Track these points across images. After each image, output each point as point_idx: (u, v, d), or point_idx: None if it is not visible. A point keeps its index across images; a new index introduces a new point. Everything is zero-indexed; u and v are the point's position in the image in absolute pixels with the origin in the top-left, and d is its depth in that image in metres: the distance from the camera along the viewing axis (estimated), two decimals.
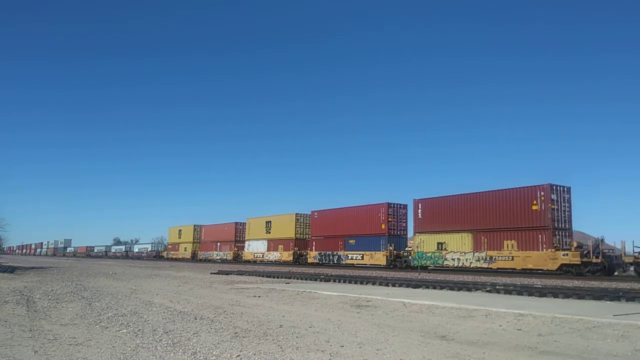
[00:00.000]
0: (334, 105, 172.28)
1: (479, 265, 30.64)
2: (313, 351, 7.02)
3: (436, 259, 33.35)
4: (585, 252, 26.10)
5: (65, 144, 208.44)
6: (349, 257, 40.11)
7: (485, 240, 30.47)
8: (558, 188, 28.48)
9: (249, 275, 29.12)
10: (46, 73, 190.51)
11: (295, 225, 46.46)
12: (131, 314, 10.82)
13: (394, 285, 20.59)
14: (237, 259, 55.13)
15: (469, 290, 17.93)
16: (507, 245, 29.23)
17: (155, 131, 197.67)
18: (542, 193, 28.07)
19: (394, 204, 38.13)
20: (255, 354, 6.81)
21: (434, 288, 19.10)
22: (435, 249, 33.50)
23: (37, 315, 10.69)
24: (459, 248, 32.01)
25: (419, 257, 34.45)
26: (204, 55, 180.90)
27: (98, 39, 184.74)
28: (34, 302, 13.18)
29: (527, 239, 28.40)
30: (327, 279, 24.79)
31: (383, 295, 15.03)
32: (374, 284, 21.65)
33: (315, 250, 44.03)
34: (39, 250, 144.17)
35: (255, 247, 51.81)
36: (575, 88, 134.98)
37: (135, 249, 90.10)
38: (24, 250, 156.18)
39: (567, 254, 26.42)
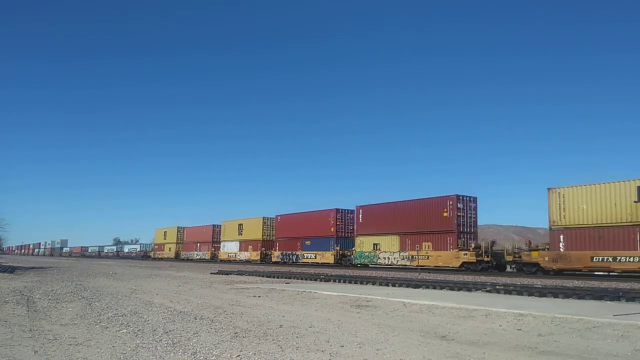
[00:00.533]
0: (334, 105, 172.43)
1: (403, 263, 35.66)
2: (313, 351, 7.02)
3: (372, 257, 38.22)
4: (480, 252, 31.19)
5: (65, 144, 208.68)
6: (305, 257, 45.11)
7: (409, 242, 35.48)
8: (464, 198, 33.42)
9: (249, 275, 29.13)
10: (46, 73, 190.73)
11: (263, 227, 51.47)
12: (131, 314, 10.82)
13: (394, 285, 20.60)
14: (214, 258, 58.94)
15: (469, 290, 17.93)
16: (425, 246, 34.33)
17: (155, 131, 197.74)
18: (451, 203, 32.98)
19: (342, 209, 43.07)
20: (255, 354, 6.81)
21: (434, 288, 19.10)
22: (372, 249, 38.40)
23: (37, 315, 10.69)
24: (389, 248, 36.91)
25: (359, 256, 39.44)
26: (204, 55, 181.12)
27: (98, 39, 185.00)
28: (34, 302, 13.18)
29: (439, 241, 33.60)
30: (327, 279, 24.79)
31: (383, 295, 15.03)
32: (374, 284, 21.65)
33: (278, 250, 48.69)
34: (37, 250, 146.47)
35: (229, 248, 56.54)
36: (575, 88, 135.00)
37: (126, 249, 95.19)
38: (23, 250, 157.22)
39: (466, 254, 31.42)
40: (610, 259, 24.77)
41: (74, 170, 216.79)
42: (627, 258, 23.98)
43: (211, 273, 31.67)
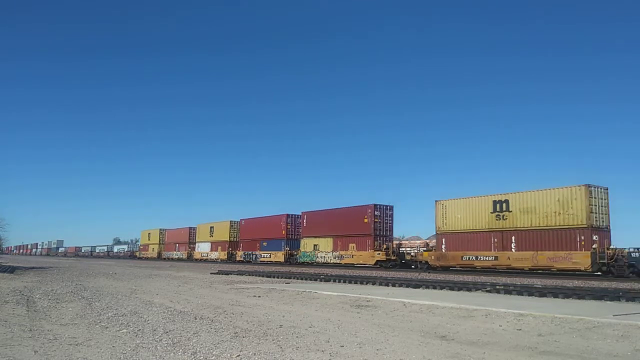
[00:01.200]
0: (334, 105, 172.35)
1: (335, 261, 42.23)
2: (313, 351, 7.02)
3: (312, 256, 45.08)
4: (389, 252, 37.96)
5: (65, 144, 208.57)
6: (262, 256, 51.49)
7: (340, 243, 42.25)
8: (381, 207, 39.83)
9: (249, 275, 29.13)
10: (46, 73, 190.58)
11: (230, 230, 57.67)
12: (131, 314, 10.82)
13: (394, 285, 20.60)
14: (189, 257, 65.25)
15: (469, 290, 17.92)
16: (351, 247, 40.94)
17: (154, 131, 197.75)
18: (369, 211, 39.46)
19: (292, 214, 49.18)
20: (255, 354, 6.81)
21: (434, 288, 19.10)
22: (312, 249, 45.24)
23: (37, 315, 10.69)
24: (325, 249, 43.71)
25: (302, 255, 46.05)
26: (204, 55, 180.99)
27: (98, 39, 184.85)
28: (34, 302, 13.18)
29: (360, 242, 40.16)
30: (327, 279, 24.79)
31: (383, 295, 15.03)
32: (374, 284, 21.65)
33: (242, 250, 54.96)
34: (34, 250, 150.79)
35: (202, 248, 63.21)
36: (575, 88, 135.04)
37: (115, 249, 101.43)
38: (22, 251, 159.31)
39: (379, 254, 38.08)
40: (474, 257, 31.77)
41: (73, 170, 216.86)
42: (485, 257, 31.12)
43: (211, 273, 31.68)
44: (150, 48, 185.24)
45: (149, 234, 79.08)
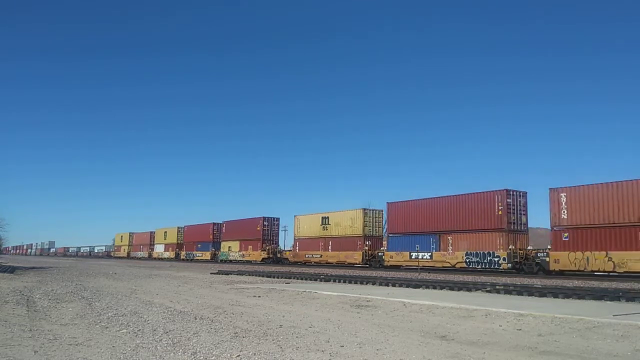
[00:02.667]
0: (334, 105, 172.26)
1: (240, 259, 55.50)
2: (313, 351, 7.02)
3: (227, 255, 58.11)
4: (272, 251, 51.93)
5: (64, 144, 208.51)
6: (197, 255, 65.39)
7: (244, 245, 55.60)
8: (270, 219, 53.74)
9: (249, 275, 29.13)
10: (46, 73, 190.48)
11: (177, 234, 71.28)
12: (131, 314, 10.82)
13: (394, 285, 20.60)
14: (149, 256, 77.63)
15: (469, 290, 17.93)
16: (249, 248, 54.78)
17: (155, 131, 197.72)
18: (260, 222, 53.58)
19: (217, 223, 62.55)
20: (255, 354, 6.81)
21: (434, 288, 19.10)
22: (227, 250, 58.66)
23: (37, 315, 10.69)
24: (235, 249, 57.23)
25: (222, 255, 59.26)
26: (204, 55, 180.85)
27: (98, 39, 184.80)
28: (34, 302, 13.18)
29: (254, 245, 53.91)
30: (327, 279, 24.80)
31: (383, 295, 15.03)
32: (374, 284, 21.65)
33: (184, 251, 69.17)
34: (29, 250, 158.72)
35: (158, 249, 76.31)
36: (575, 88, 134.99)
37: (96, 249, 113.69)
38: (18, 251, 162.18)
39: (264, 252, 52.01)
40: (310, 255, 46.47)
41: (72, 170, 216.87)
42: (316, 255, 45.58)
43: (211, 273, 31.69)
44: (150, 48, 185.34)
45: (121, 237, 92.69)
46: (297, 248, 48.30)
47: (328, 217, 44.53)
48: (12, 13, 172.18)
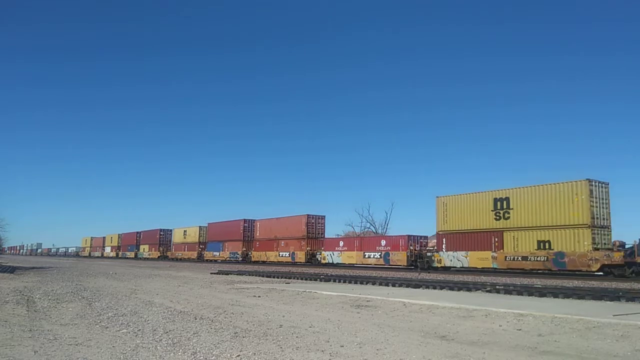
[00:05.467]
0: (334, 105, 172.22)
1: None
2: (313, 351, 7.02)
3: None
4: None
5: (65, 144, 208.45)
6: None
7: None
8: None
9: (249, 275, 29.14)
10: (46, 73, 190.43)
11: (118, 238, 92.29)
12: (131, 314, 10.82)
13: (394, 285, 20.60)
14: (101, 255, 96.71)
15: (469, 290, 17.93)
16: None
17: (154, 131, 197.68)
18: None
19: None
20: (255, 354, 6.81)
21: (434, 288, 19.10)
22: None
23: (37, 315, 10.69)
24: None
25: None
26: (204, 56, 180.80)
27: (98, 39, 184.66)
28: (34, 302, 13.18)
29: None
30: (327, 279, 24.80)
31: (383, 295, 15.04)
32: (374, 284, 21.65)
33: (121, 251, 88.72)
34: (21, 251, 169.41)
35: (107, 250, 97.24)
36: (576, 88, 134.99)
37: (70, 250, 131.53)
38: (12, 251, 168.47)
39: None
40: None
41: (74, 170, 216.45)
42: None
43: (211, 273, 31.70)
44: (150, 48, 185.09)
45: (85, 240, 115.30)
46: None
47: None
48: (12, 13, 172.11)
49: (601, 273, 25.92)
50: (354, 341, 7.76)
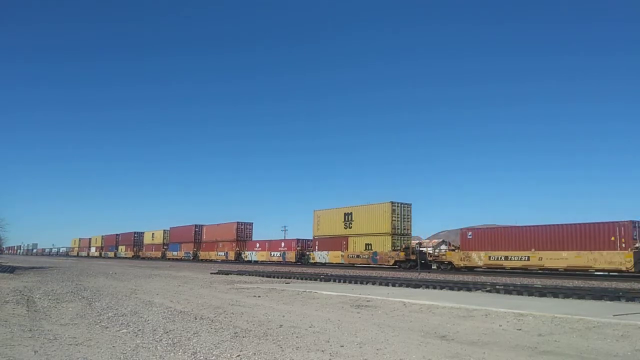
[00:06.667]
0: (334, 105, 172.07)
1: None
2: (313, 351, 7.02)
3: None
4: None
5: (64, 144, 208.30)
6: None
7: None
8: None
9: (249, 275, 29.14)
10: (46, 73, 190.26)
11: (101, 240, 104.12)
12: (131, 314, 10.82)
13: (393, 285, 20.60)
14: (88, 255, 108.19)
15: (468, 290, 17.93)
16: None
17: (154, 131, 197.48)
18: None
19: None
20: (255, 353, 6.81)
21: (434, 288, 19.11)
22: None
23: (37, 315, 10.69)
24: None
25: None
26: (204, 55, 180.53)
27: (98, 39, 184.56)
28: (34, 302, 13.18)
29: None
30: (327, 279, 24.80)
31: (383, 295, 15.04)
32: (374, 284, 21.65)
33: (104, 251, 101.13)
34: (18, 251, 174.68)
35: (92, 250, 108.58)
36: (575, 88, 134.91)
37: (61, 250, 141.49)
38: (10, 251, 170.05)
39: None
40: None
41: (73, 170, 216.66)
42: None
43: (211, 273, 31.69)
44: (150, 48, 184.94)
45: (74, 240, 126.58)
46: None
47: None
48: (12, 13, 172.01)
49: (396, 266, 37.31)
50: (354, 341, 7.76)
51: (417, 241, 44.04)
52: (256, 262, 54.34)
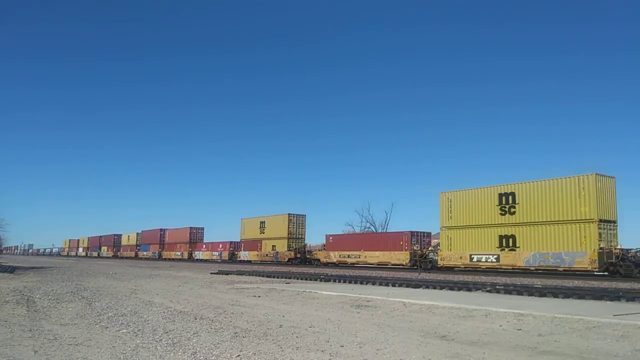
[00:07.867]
0: (334, 105, 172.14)
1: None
2: (313, 351, 7.02)
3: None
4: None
5: (64, 144, 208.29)
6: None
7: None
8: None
9: (249, 275, 29.14)
10: (46, 73, 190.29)
11: (87, 241, 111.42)
12: (131, 314, 10.82)
13: (393, 285, 20.60)
14: (76, 254, 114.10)
15: (468, 290, 17.93)
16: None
17: (154, 131, 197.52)
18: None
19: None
20: (255, 353, 6.81)
21: (434, 288, 19.11)
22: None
23: (37, 315, 10.69)
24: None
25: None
26: (204, 55, 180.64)
27: (98, 39, 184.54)
28: (34, 302, 13.18)
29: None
30: (327, 279, 24.80)
31: (383, 295, 15.04)
32: (374, 284, 21.65)
33: (89, 251, 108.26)
34: (16, 251, 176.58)
35: (80, 250, 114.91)
36: (575, 88, 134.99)
37: (53, 250, 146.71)
38: (8, 251, 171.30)
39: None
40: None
41: (73, 170, 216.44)
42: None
43: (211, 273, 31.70)
44: (150, 48, 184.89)
45: (65, 241, 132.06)
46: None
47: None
48: (12, 13, 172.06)
49: (290, 262, 47.49)
50: (354, 341, 7.77)
51: (305, 244, 52.39)
52: (202, 260, 64.22)
